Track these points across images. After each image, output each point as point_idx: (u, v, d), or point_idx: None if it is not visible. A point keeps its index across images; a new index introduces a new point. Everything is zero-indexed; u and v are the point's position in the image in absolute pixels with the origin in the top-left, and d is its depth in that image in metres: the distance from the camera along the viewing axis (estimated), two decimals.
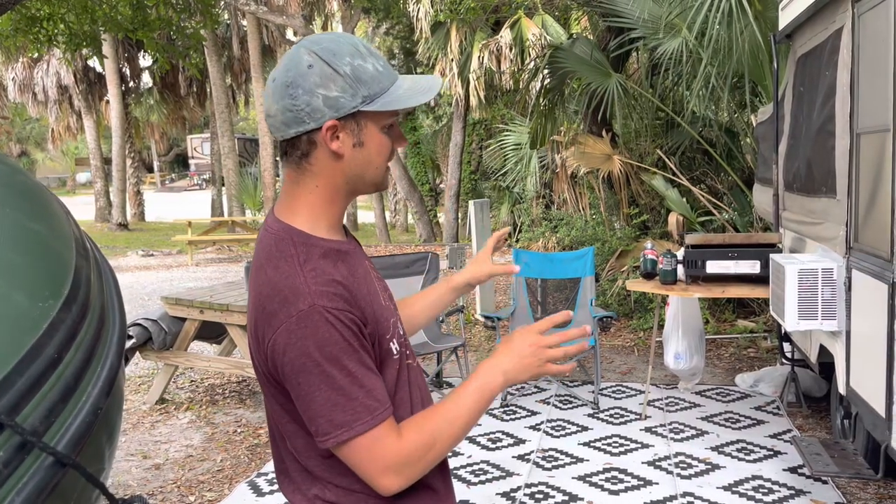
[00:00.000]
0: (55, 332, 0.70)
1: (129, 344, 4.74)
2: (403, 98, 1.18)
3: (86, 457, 0.69)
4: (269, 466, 3.92)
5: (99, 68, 19.80)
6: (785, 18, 4.44)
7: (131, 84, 21.10)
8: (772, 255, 3.82)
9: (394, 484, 1.12)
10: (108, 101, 20.09)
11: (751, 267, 4.19)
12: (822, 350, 3.64)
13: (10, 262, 0.70)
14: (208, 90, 19.93)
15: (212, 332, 5.21)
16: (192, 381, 5.65)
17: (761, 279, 4.15)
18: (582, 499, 3.40)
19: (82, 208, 22.88)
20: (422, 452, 1.13)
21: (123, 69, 20.09)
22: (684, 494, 3.40)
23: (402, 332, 1.27)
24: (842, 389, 3.31)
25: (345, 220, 1.35)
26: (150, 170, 40.59)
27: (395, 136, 1.23)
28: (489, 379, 1.17)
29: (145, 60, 20.60)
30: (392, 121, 1.20)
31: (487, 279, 1.58)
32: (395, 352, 1.21)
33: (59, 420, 0.66)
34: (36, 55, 15.65)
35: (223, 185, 18.59)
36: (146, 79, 22.26)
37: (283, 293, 1.10)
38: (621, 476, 3.63)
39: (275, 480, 3.72)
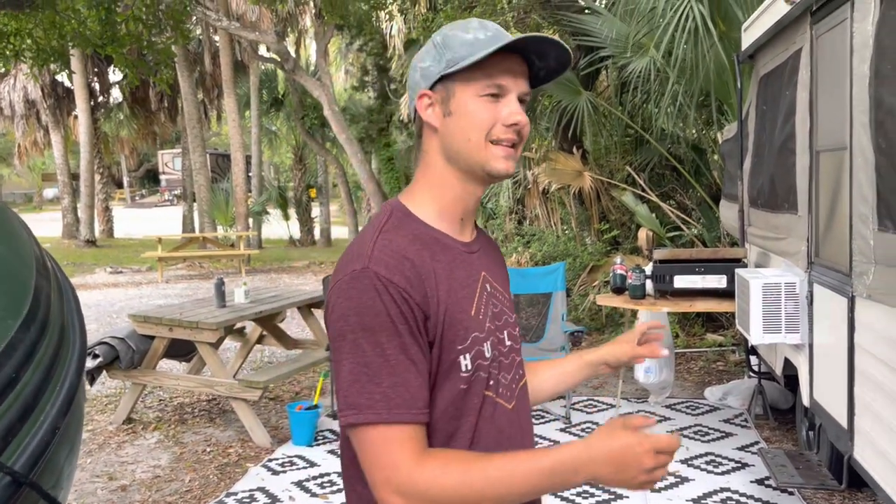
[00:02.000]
0: (13, 352, 0.70)
1: (95, 363, 4.66)
2: (477, 55, 1.06)
3: (44, 476, 0.69)
4: (239, 486, 3.87)
5: (67, 83, 19.56)
6: (747, 39, 4.56)
7: (101, 99, 20.86)
8: (737, 270, 3.89)
9: (394, 502, 0.97)
10: (76, 116, 19.82)
11: (717, 281, 4.27)
12: (787, 363, 3.71)
13: None
14: (180, 105, 19.78)
15: (181, 350, 5.15)
16: (160, 400, 5.56)
17: (728, 293, 4.22)
18: None
19: (49, 225, 22.48)
20: (436, 492, 0.96)
21: (92, 84, 19.86)
22: None
23: (487, 356, 1.09)
24: (806, 401, 3.37)
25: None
26: (120, 185, 40.06)
27: (505, 107, 1.09)
28: (568, 473, 0.97)
29: (115, 75, 20.40)
30: (492, 90, 1.08)
31: (629, 362, 1.38)
32: (464, 368, 1.05)
33: (16, 439, 0.66)
34: (2, 70, 15.45)
35: (194, 200, 18.43)
36: (116, 93, 22.03)
37: (350, 254, 1.06)
38: (592, 490, 3.65)
39: (244, 500, 3.68)
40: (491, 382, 1.10)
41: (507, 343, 1.17)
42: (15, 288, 0.76)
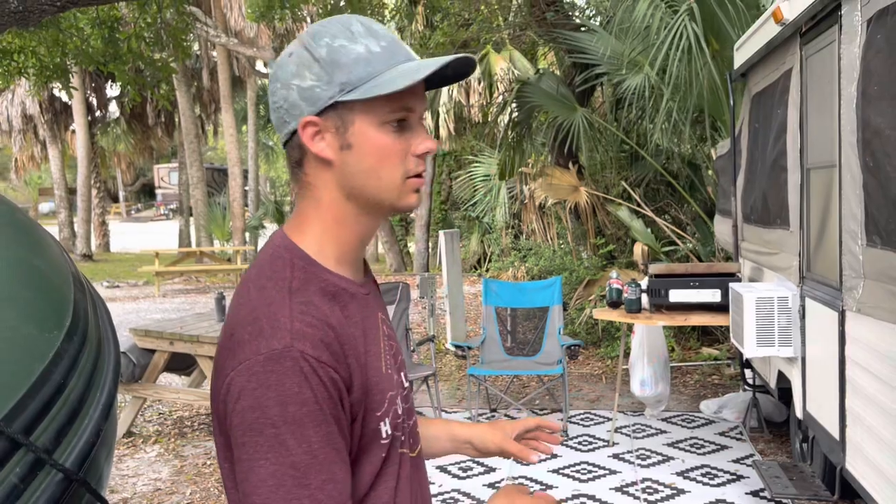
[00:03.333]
0: (60, 361, 0.75)
1: None
2: (390, 81, 0.89)
3: (89, 474, 0.75)
4: None
5: (65, 98, 19.66)
6: (740, 58, 4.66)
7: (98, 114, 20.96)
8: (731, 284, 3.96)
9: None
10: (73, 131, 19.93)
11: (712, 295, 4.33)
12: (781, 376, 3.78)
13: (20, 296, 0.76)
14: (177, 120, 19.90)
15: (181, 364, 5.19)
16: (160, 413, 5.59)
17: (723, 307, 4.29)
18: None
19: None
20: None
21: (90, 99, 19.97)
22: None
23: (400, 413, 1.00)
24: (799, 414, 3.43)
25: None
26: (116, 199, 40.09)
27: (414, 134, 0.95)
28: None
29: (112, 90, 20.52)
30: (400, 115, 0.92)
31: (497, 453, 1.25)
32: (384, 435, 0.95)
33: (66, 440, 0.72)
34: (2, 87, 15.53)
35: (191, 215, 18.49)
36: (113, 108, 22.16)
37: (259, 322, 0.87)
38: (589, 502, 3.69)
39: None
40: (403, 438, 1.01)
41: (406, 385, 1.07)
42: (57, 302, 0.81)
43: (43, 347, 0.75)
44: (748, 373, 4.77)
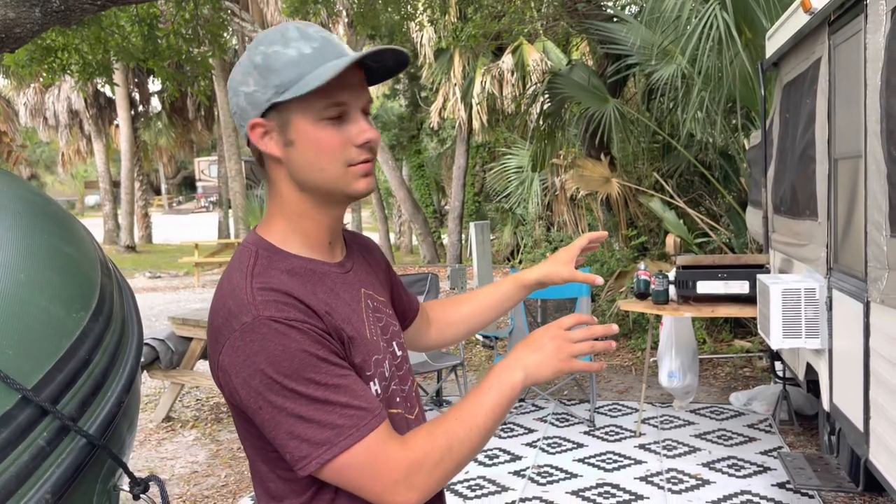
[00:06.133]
0: (86, 338, 0.84)
1: None
2: (315, 78, 0.96)
3: (111, 442, 0.84)
4: None
5: (109, 93, 20.18)
6: (771, 47, 4.60)
7: (140, 108, 21.48)
8: (758, 276, 3.94)
9: (409, 500, 0.95)
10: (117, 126, 20.46)
11: (740, 287, 4.31)
12: (809, 368, 3.75)
13: (51, 280, 0.84)
14: (216, 114, 20.26)
15: None
16: (197, 399, 5.77)
17: (751, 299, 4.26)
18: None
19: (91, 231, 23.10)
20: (436, 457, 0.96)
21: (133, 94, 20.47)
22: None
23: (387, 375, 1.08)
24: (826, 406, 3.41)
25: None
26: (158, 192, 41.02)
27: (354, 126, 1.01)
28: (507, 375, 1.01)
29: (154, 85, 21.01)
30: (333, 111, 1.00)
31: (562, 283, 1.37)
32: (375, 395, 1.03)
33: (89, 410, 0.80)
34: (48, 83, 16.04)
35: (230, 207, 18.84)
36: (155, 103, 22.68)
37: (227, 306, 0.96)
38: (613, 491, 3.73)
39: None
40: (397, 399, 1.10)
41: (399, 354, 1.15)
42: (85, 285, 0.90)
43: (70, 326, 0.83)
44: (778, 365, 4.73)
